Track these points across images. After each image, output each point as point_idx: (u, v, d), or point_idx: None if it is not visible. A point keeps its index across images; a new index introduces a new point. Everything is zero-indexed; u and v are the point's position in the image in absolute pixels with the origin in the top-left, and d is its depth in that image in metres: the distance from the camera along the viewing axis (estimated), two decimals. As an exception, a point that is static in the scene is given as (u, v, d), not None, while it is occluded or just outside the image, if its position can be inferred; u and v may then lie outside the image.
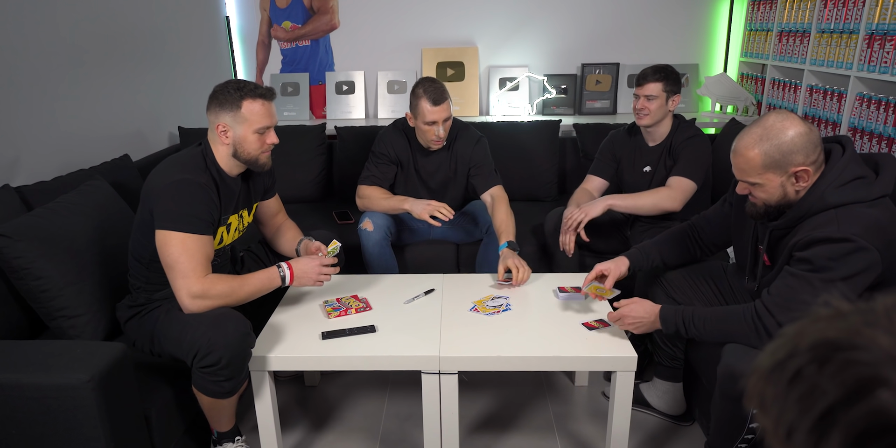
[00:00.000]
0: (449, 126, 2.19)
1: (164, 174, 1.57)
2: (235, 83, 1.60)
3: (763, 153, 1.33)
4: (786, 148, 1.31)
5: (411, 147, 2.31)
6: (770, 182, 1.36)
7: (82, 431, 1.29)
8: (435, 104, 2.11)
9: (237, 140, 1.61)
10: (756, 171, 1.35)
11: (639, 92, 2.13)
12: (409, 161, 2.32)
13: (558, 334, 1.64)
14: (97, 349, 1.36)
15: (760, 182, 1.36)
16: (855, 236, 1.26)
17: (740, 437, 1.42)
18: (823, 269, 1.30)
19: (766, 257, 1.50)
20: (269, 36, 3.66)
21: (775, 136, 1.32)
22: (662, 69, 2.12)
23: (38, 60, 2.09)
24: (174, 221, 1.51)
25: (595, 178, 2.36)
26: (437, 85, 2.13)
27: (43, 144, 2.12)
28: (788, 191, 1.37)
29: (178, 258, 1.51)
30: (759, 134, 1.34)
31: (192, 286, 1.51)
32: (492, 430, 1.92)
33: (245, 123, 1.59)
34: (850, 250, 1.27)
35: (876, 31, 2.28)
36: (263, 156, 1.66)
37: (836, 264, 1.28)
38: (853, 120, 2.44)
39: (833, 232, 1.28)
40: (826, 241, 1.29)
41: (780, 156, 1.32)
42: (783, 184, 1.35)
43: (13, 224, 1.61)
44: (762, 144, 1.33)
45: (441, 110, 2.12)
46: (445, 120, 2.15)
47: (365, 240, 2.20)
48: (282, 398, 2.06)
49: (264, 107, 1.61)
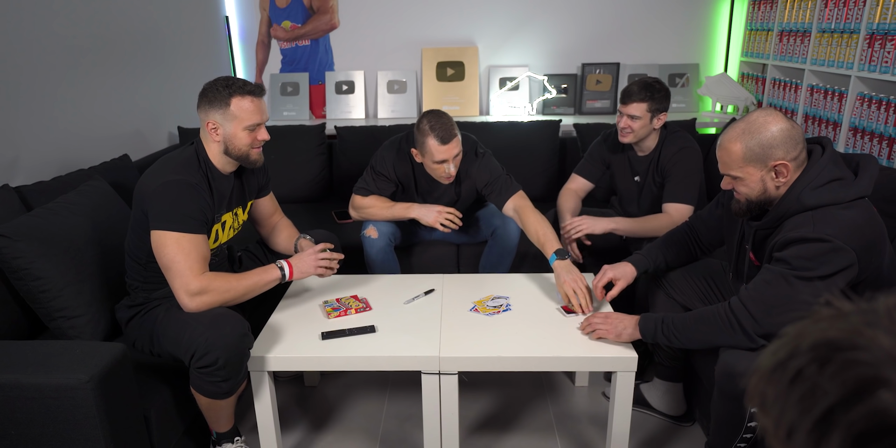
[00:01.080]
0: (459, 161, 2.03)
1: (155, 175, 1.57)
2: (224, 80, 1.60)
3: (745, 146, 1.37)
4: (766, 142, 1.35)
5: (415, 174, 2.18)
6: (750, 176, 1.39)
7: (81, 432, 1.29)
8: (444, 143, 1.94)
9: (227, 137, 1.61)
10: (737, 163, 1.39)
11: (623, 109, 2.05)
12: (410, 185, 2.21)
13: (558, 335, 1.63)
14: (97, 349, 1.36)
15: (741, 176, 1.40)
16: (830, 236, 1.29)
17: (739, 436, 1.42)
18: (800, 269, 1.32)
19: (752, 257, 1.51)
20: (268, 35, 3.66)
21: (757, 130, 1.36)
22: (648, 87, 2.01)
23: (38, 60, 2.08)
24: (168, 221, 1.51)
25: (580, 178, 2.31)
26: (444, 120, 1.96)
27: (42, 144, 2.12)
28: (769, 186, 1.40)
29: (174, 258, 1.51)
30: (742, 128, 1.38)
31: (189, 284, 1.51)
32: (492, 430, 1.91)
33: (235, 120, 1.59)
34: (825, 250, 1.29)
35: (877, 30, 2.28)
36: (254, 152, 1.66)
37: (813, 264, 1.30)
38: (854, 120, 2.44)
39: (808, 232, 1.31)
40: (801, 240, 1.32)
41: (760, 150, 1.36)
42: (763, 178, 1.39)
43: (13, 224, 1.61)
44: (744, 138, 1.37)
45: (451, 148, 1.95)
46: (456, 156, 1.99)
47: (368, 247, 2.17)
48: (281, 398, 2.06)
49: (253, 103, 1.60)
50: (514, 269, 2.42)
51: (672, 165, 2.09)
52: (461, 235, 2.40)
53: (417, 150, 2.04)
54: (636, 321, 1.56)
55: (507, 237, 2.21)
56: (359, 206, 2.19)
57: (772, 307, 1.35)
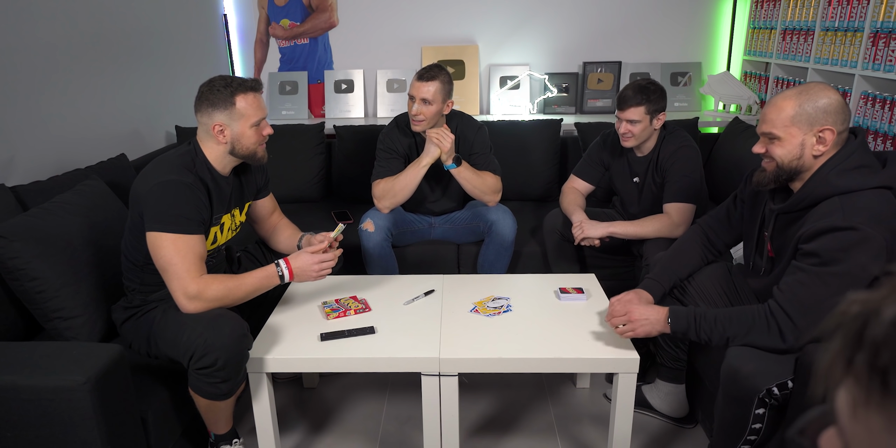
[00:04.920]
0: (429, 113, 2.10)
1: (150, 176, 1.55)
2: (221, 80, 1.57)
3: (798, 105, 1.36)
4: (821, 106, 1.34)
5: (415, 141, 2.28)
6: (792, 138, 1.38)
7: (78, 434, 1.28)
8: (419, 79, 2.08)
9: (235, 137, 1.60)
10: (783, 122, 1.37)
11: (621, 115, 2.04)
12: (413, 155, 2.28)
13: (559, 336, 1.62)
14: (94, 351, 1.35)
15: (782, 136, 1.38)
16: (860, 225, 1.26)
17: (743, 438, 1.41)
18: (832, 262, 1.29)
19: (769, 247, 1.48)
20: (267, 34, 3.64)
21: (815, 95, 1.35)
22: (643, 90, 2.00)
23: (33, 59, 2.07)
24: (163, 223, 1.50)
25: (579, 180, 2.32)
26: (434, 66, 2.11)
27: (38, 144, 2.10)
28: (806, 152, 1.38)
29: (170, 260, 1.50)
30: (799, 90, 1.38)
31: (187, 287, 1.50)
32: (492, 432, 1.90)
33: (242, 119, 1.58)
34: (856, 240, 1.27)
35: (881, 29, 2.26)
36: (261, 149, 1.66)
37: (844, 255, 1.28)
38: (858, 119, 2.42)
39: (838, 221, 1.28)
40: (831, 230, 1.29)
41: (812, 111, 1.35)
42: (804, 142, 1.37)
43: (9, 224, 1.59)
44: (800, 98, 1.36)
45: (421, 87, 2.07)
46: (424, 100, 2.08)
47: (365, 240, 2.18)
48: (280, 400, 2.05)
49: (256, 99, 1.61)
50: (513, 270, 2.41)
51: (671, 165, 2.08)
52: (459, 233, 2.40)
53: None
54: (665, 316, 1.50)
55: (503, 232, 2.22)
56: (382, 192, 2.20)
57: (810, 309, 1.32)
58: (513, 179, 2.72)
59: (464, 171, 2.15)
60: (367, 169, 2.34)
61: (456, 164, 2.13)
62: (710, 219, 1.75)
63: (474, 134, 2.27)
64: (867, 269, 1.28)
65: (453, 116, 2.27)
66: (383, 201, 2.20)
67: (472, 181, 2.17)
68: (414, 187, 2.17)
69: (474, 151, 2.26)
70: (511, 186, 2.64)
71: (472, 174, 2.18)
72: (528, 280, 1.98)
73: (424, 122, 2.13)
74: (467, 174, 2.16)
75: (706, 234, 1.76)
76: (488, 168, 2.24)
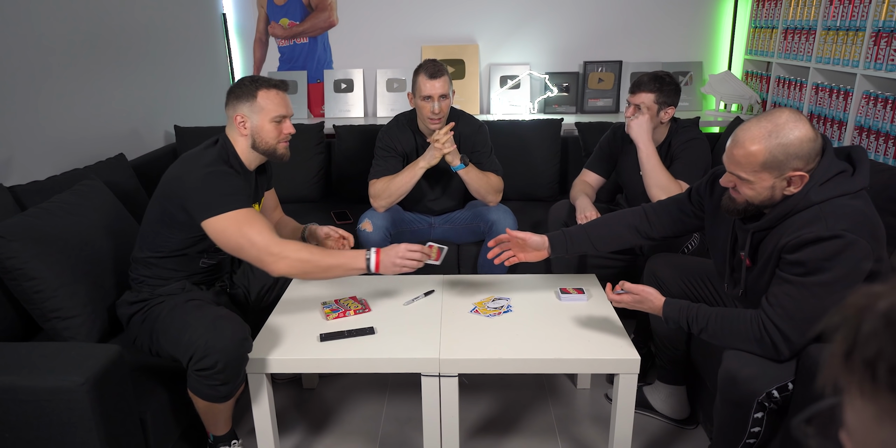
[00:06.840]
0: (447, 106, 2.15)
1: (189, 169, 1.57)
2: (250, 78, 1.67)
3: (767, 150, 1.26)
4: (791, 150, 1.26)
5: (416, 140, 2.28)
6: (762, 181, 1.30)
7: (77, 435, 1.27)
8: (432, 77, 2.09)
9: (255, 130, 1.65)
10: (753, 167, 1.28)
11: (631, 99, 2.07)
12: (413, 154, 2.29)
13: (560, 336, 1.61)
14: (92, 351, 1.34)
15: (752, 179, 1.30)
16: (844, 231, 1.23)
17: (742, 441, 1.40)
18: (818, 271, 1.26)
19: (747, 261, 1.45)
20: (266, 33, 3.63)
21: (785, 135, 1.26)
22: (658, 79, 2.02)
23: (32, 58, 2.06)
24: (218, 206, 1.52)
25: (591, 173, 2.34)
26: (437, 62, 2.12)
27: (37, 143, 2.09)
28: (776, 193, 1.32)
29: (241, 234, 1.51)
30: (768, 129, 1.27)
31: (270, 247, 1.51)
32: (492, 433, 1.89)
33: (261, 112, 1.63)
34: (841, 247, 1.24)
35: (883, 28, 2.25)
36: (281, 146, 1.69)
37: (831, 264, 1.25)
38: (859, 118, 2.42)
39: (822, 230, 1.25)
40: (816, 241, 1.25)
41: (783, 157, 1.26)
42: (774, 186, 1.30)
43: (7, 224, 1.59)
44: (769, 141, 1.26)
45: (436, 84, 2.09)
46: (442, 96, 2.11)
47: (364, 241, 2.18)
48: (279, 401, 2.04)
49: (279, 96, 1.66)
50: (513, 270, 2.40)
51: (681, 152, 2.10)
52: (459, 233, 2.39)
53: (411, 93, 2.17)
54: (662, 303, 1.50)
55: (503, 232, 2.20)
56: (378, 191, 2.21)
57: (801, 322, 1.29)
58: (513, 179, 2.71)
59: (471, 172, 2.17)
60: (367, 169, 2.33)
61: (464, 165, 2.14)
62: (658, 208, 1.71)
63: (475, 133, 2.28)
64: (855, 273, 1.26)
65: (455, 115, 2.27)
66: (379, 201, 2.21)
67: (478, 182, 2.19)
68: (409, 189, 2.19)
69: (476, 150, 2.26)
70: (511, 186, 2.64)
71: (479, 175, 2.19)
72: (528, 280, 1.97)
73: (444, 118, 2.17)
74: (474, 175, 2.18)
75: (647, 220, 1.70)
76: (490, 168, 2.26)
